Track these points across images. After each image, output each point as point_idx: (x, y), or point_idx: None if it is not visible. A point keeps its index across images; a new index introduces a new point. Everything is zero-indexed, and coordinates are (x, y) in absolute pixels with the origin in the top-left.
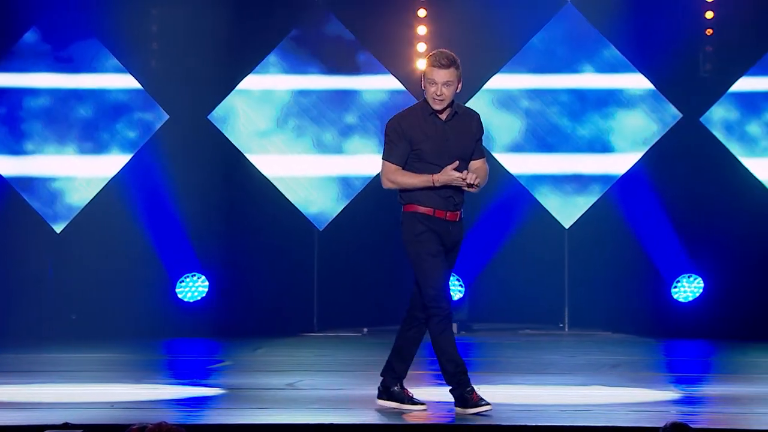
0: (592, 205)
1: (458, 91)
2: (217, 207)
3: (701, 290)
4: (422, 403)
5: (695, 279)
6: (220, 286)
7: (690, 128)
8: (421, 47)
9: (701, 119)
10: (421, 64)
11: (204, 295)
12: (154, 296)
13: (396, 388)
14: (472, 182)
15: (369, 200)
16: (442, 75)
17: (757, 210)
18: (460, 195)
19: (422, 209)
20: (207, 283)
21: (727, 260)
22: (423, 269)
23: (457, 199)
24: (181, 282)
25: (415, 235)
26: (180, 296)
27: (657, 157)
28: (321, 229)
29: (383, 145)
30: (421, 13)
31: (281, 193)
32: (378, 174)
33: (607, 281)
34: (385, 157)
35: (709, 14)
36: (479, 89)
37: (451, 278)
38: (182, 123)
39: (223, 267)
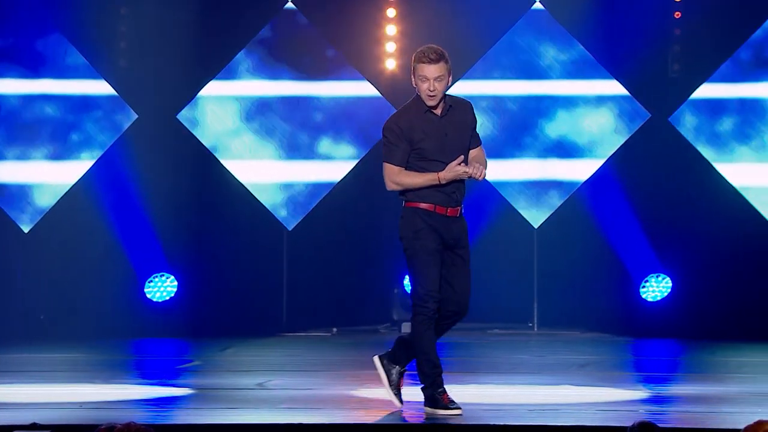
0: (562, 204)
1: (449, 84)
2: (186, 207)
3: (669, 290)
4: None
5: (663, 278)
6: (189, 286)
7: (658, 128)
8: (391, 47)
9: (670, 119)
10: (390, 64)
11: (173, 295)
12: (123, 296)
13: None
14: (476, 173)
15: (338, 200)
16: (432, 70)
17: (725, 210)
18: (462, 190)
19: (423, 205)
20: (176, 282)
21: (695, 260)
22: (416, 267)
23: (459, 195)
24: (149, 282)
25: (413, 232)
26: (148, 296)
27: (626, 157)
28: (290, 229)
29: (383, 147)
30: (391, 12)
31: (250, 192)
32: (348, 174)
33: (576, 281)
34: (387, 159)
35: (678, 14)
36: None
37: None
38: (151, 122)
39: (191, 267)
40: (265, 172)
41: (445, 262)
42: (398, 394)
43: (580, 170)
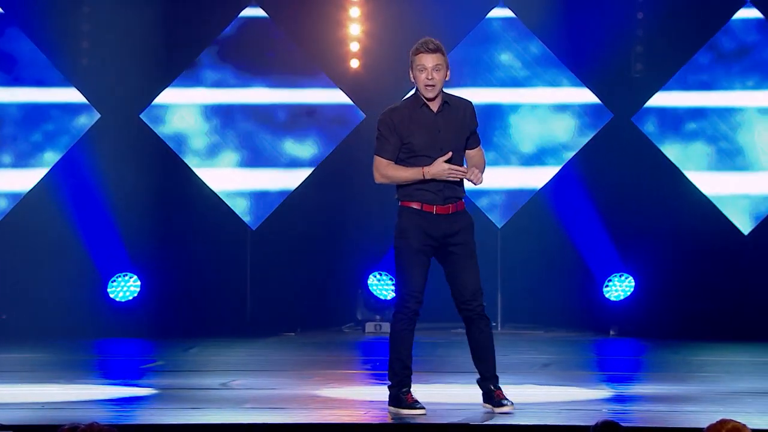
0: (525, 205)
1: (447, 78)
2: (149, 206)
3: (632, 289)
4: (511, 403)
5: (626, 278)
6: (153, 286)
7: (621, 128)
8: (354, 46)
9: (633, 119)
10: (354, 63)
11: (136, 294)
12: (86, 296)
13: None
14: (473, 179)
15: (302, 200)
16: (431, 59)
17: (688, 210)
18: (453, 188)
19: (411, 204)
20: (139, 282)
21: (658, 259)
22: (399, 266)
23: (448, 193)
24: (112, 281)
25: (400, 231)
26: (112, 296)
27: (589, 157)
28: (254, 229)
29: (375, 139)
30: (354, 12)
31: (214, 192)
32: (312, 173)
33: (539, 280)
34: (377, 152)
35: (641, 15)
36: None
37: (385, 277)
38: (114, 122)
39: (155, 266)
40: (228, 172)
41: (445, 259)
42: (503, 403)
43: (543, 170)
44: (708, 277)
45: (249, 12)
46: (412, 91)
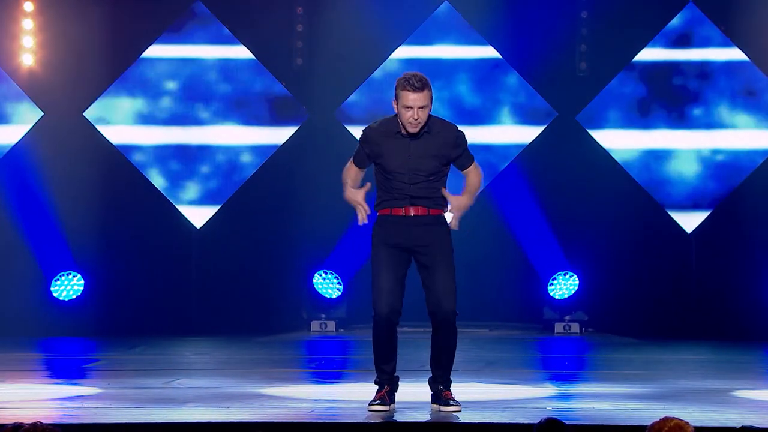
0: None
1: (430, 110)
2: (93, 205)
3: (576, 287)
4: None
5: (571, 276)
6: (96, 285)
7: (565, 126)
8: (299, 44)
9: (577, 118)
10: (298, 61)
11: (79, 293)
12: (29, 295)
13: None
14: (451, 226)
15: (247, 198)
16: (418, 99)
17: (631, 207)
18: (423, 201)
19: (381, 212)
20: (83, 281)
21: (602, 257)
22: (372, 272)
23: (415, 192)
24: (56, 280)
25: (372, 237)
26: (55, 295)
27: (533, 155)
28: (198, 228)
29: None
30: (300, 8)
31: (158, 190)
32: (256, 172)
33: (484, 278)
34: (353, 155)
35: (585, 14)
36: (357, 88)
37: (331, 276)
38: (57, 120)
39: (99, 265)
40: (173, 170)
41: (419, 266)
42: (451, 403)
43: (487, 169)
44: (652, 275)
45: (193, 9)
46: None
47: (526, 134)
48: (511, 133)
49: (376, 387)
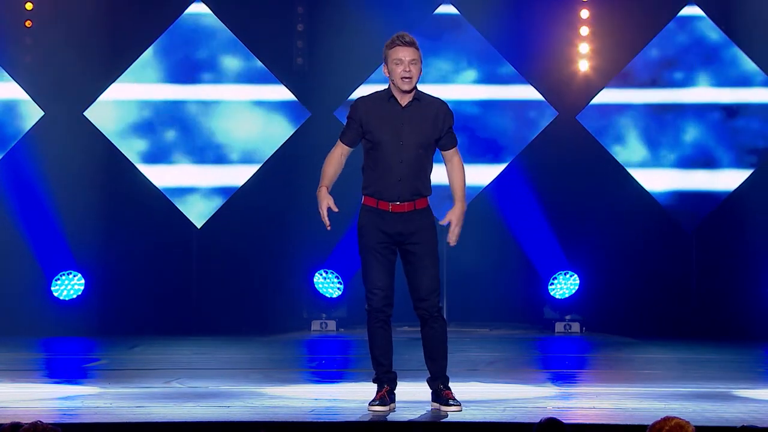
0: (470, 203)
1: (420, 73)
2: (94, 204)
3: (577, 287)
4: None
5: (571, 276)
6: (97, 284)
7: (566, 126)
8: (300, 44)
9: (577, 117)
10: (299, 61)
11: (80, 293)
12: (30, 294)
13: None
14: (450, 241)
15: (248, 197)
16: (408, 53)
17: (632, 207)
18: (413, 185)
19: (367, 201)
20: (83, 281)
21: (602, 257)
22: (362, 264)
23: (405, 189)
24: (56, 280)
25: (358, 229)
26: (55, 294)
27: (533, 155)
28: (199, 227)
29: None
30: (301, 9)
31: (159, 190)
32: (257, 172)
33: (484, 278)
34: (340, 135)
35: (585, 13)
36: (357, 88)
37: (331, 275)
38: (58, 119)
39: (99, 265)
40: (173, 170)
41: (403, 258)
42: (451, 403)
43: (488, 168)
44: (652, 275)
45: (194, 9)
46: (385, 86)
47: (525, 133)
48: (510, 132)
49: (376, 386)
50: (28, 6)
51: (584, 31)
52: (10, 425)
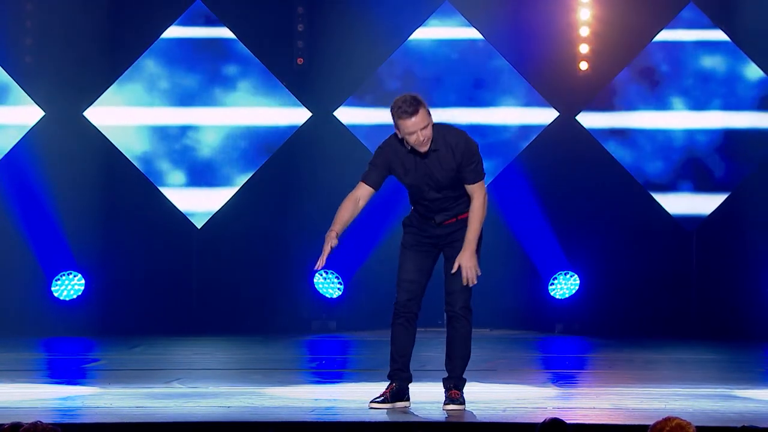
0: None
1: (432, 125)
2: (94, 204)
3: (577, 287)
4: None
5: (571, 276)
6: (97, 284)
7: (566, 126)
8: (300, 44)
9: (577, 117)
10: (299, 61)
11: (80, 293)
12: (30, 294)
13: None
14: (468, 282)
15: (248, 197)
16: (416, 122)
17: (632, 207)
18: (450, 210)
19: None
20: (83, 281)
21: (603, 257)
22: (399, 261)
23: (446, 215)
24: (56, 280)
25: (403, 226)
26: (56, 294)
27: (533, 155)
28: (199, 228)
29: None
30: (301, 9)
31: (158, 190)
32: (257, 172)
33: (484, 278)
34: (362, 177)
35: (585, 13)
36: (357, 88)
37: (332, 276)
38: (58, 120)
39: (99, 265)
40: (173, 171)
41: (445, 258)
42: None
43: (487, 168)
44: (653, 275)
45: (193, 9)
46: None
47: (525, 133)
48: (511, 132)
49: (390, 381)
50: (28, 6)
51: (584, 31)
52: (10, 425)
